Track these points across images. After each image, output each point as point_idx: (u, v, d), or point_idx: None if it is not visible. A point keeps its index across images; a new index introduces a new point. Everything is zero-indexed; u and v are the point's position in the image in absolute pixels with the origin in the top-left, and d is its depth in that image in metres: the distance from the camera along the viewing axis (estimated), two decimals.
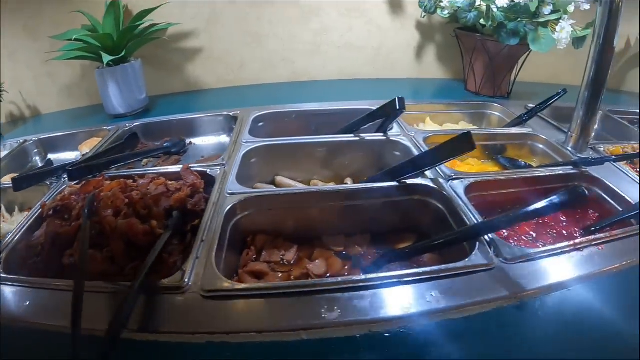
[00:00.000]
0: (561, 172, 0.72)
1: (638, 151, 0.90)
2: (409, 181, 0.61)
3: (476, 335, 0.42)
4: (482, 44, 1.11)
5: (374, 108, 0.92)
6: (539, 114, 1.00)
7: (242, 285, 0.47)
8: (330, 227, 0.63)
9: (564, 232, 0.62)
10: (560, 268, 0.49)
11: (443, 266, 0.46)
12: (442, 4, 1.10)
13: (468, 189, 0.61)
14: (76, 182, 0.67)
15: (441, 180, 0.63)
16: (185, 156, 0.90)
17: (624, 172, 0.78)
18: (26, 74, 1.11)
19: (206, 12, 1.14)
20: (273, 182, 0.78)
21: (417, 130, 0.84)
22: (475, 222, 0.54)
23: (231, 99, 1.13)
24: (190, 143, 0.95)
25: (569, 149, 0.84)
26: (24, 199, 0.72)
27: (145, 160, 0.89)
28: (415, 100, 1.05)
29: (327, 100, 1.04)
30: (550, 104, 0.99)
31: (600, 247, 0.52)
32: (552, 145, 0.85)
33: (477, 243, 0.50)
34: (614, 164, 0.80)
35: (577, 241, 0.52)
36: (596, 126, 1.31)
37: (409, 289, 0.44)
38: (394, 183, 0.61)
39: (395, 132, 0.80)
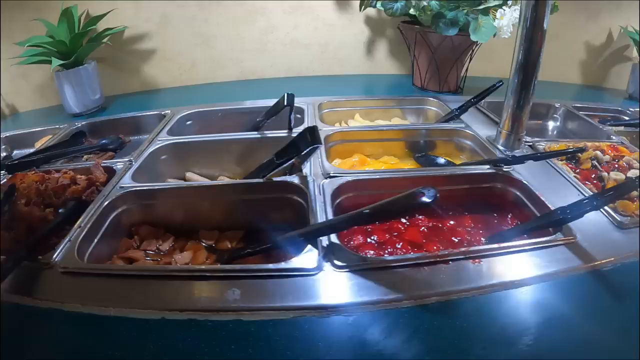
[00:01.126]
0: (477, 171, 0.69)
1: (569, 148, 0.84)
2: (276, 178, 0.65)
3: (261, 341, 0.42)
4: (422, 36, 1.09)
5: (304, 106, 0.95)
6: (483, 109, 0.97)
7: (90, 265, 0.54)
8: (209, 221, 0.68)
9: (465, 240, 0.59)
10: (396, 282, 0.46)
11: (262, 266, 0.49)
12: None
13: (341, 188, 0.62)
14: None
15: (310, 179, 0.65)
16: (121, 152, 0.99)
17: (560, 173, 0.74)
18: (5, 75, 1.25)
19: (158, 15, 1.21)
20: (184, 178, 0.84)
21: (324, 127, 0.85)
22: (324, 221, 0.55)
23: (182, 98, 1.19)
24: (130, 141, 1.04)
25: (499, 146, 0.80)
26: None
27: (86, 156, 0.98)
28: (349, 96, 1.06)
29: (273, 97, 1.07)
30: (484, 97, 0.97)
31: (476, 262, 0.49)
32: (479, 142, 0.83)
33: (311, 245, 0.49)
34: (553, 163, 0.76)
35: (441, 253, 0.49)
36: (556, 123, 1.26)
37: (216, 284, 0.48)
38: (259, 180, 0.64)
39: (299, 129, 0.83)
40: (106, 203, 0.65)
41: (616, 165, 0.86)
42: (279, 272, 0.47)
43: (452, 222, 0.62)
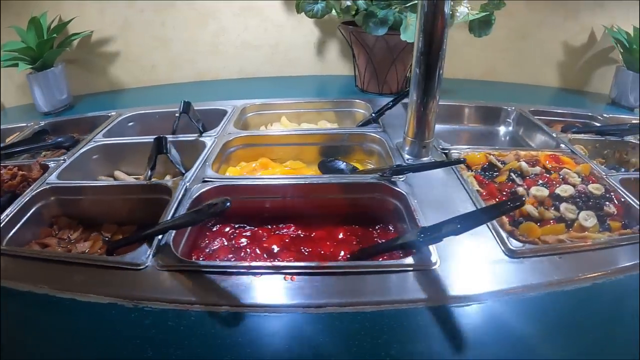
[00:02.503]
0: (358, 181, 0.67)
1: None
2: (155, 180, 0.72)
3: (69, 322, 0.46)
4: (356, 37, 1.10)
5: (229, 109, 1.01)
6: None
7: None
8: (113, 216, 0.76)
9: (328, 253, 0.58)
10: (203, 286, 0.47)
11: (100, 257, 0.57)
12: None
13: (205, 194, 0.66)
14: None
15: (182, 182, 0.69)
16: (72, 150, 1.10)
17: (463, 186, 0.70)
18: None
19: (120, 20, 1.30)
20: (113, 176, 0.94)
21: (231, 132, 0.87)
22: None
23: (142, 98, 1.29)
24: (84, 139, 1.14)
25: (405, 154, 0.77)
26: None
27: (44, 153, 1.10)
28: (287, 98, 1.09)
29: (226, 98, 1.11)
30: (401, 99, 0.94)
31: (288, 278, 0.48)
32: (386, 148, 0.82)
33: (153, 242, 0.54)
34: (459, 174, 0.72)
35: (254, 264, 0.50)
36: (508, 129, 1.22)
37: (74, 269, 0.55)
38: (144, 182, 0.72)
39: (209, 132, 0.89)
40: (29, 197, 0.75)
41: (546, 179, 0.79)
42: (113, 264, 0.53)
43: (320, 233, 0.63)
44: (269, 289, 0.48)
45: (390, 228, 0.67)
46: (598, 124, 1.16)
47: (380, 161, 0.83)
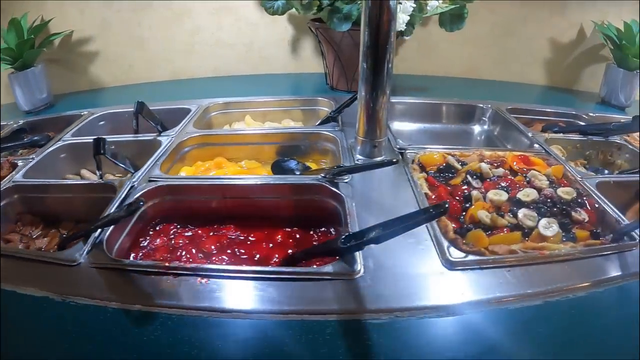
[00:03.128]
0: (299, 182, 0.67)
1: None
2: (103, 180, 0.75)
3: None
4: (322, 33, 1.10)
5: (193, 107, 1.03)
6: None
7: None
8: (73, 214, 0.79)
9: (262, 256, 0.58)
10: (127, 284, 0.48)
11: (33, 252, 0.59)
12: None
13: (147, 193, 0.67)
14: None
15: (128, 182, 0.71)
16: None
17: (412, 188, 0.68)
18: None
19: (99, 20, 1.32)
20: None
21: (189, 131, 0.88)
22: None
23: (120, 97, 1.31)
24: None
25: (356, 154, 0.76)
26: None
27: (21, 151, 1.14)
28: (258, 96, 1.09)
29: (199, 97, 1.11)
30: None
31: (203, 280, 0.48)
32: (339, 147, 0.81)
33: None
34: (410, 176, 0.70)
35: (173, 265, 0.50)
36: (483, 127, 1.20)
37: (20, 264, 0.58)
38: (100, 181, 0.75)
39: (168, 132, 0.91)
40: None
41: (509, 182, 0.73)
42: (53, 260, 0.56)
43: (259, 235, 0.63)
44: (183, 291, 0.49)
45: (332, 231, 0.66)
46: (583, 123, 1.12)
47: (334, 161, 0.83)
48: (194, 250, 0.62)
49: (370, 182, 0.71)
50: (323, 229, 0.67)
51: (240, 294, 0.49)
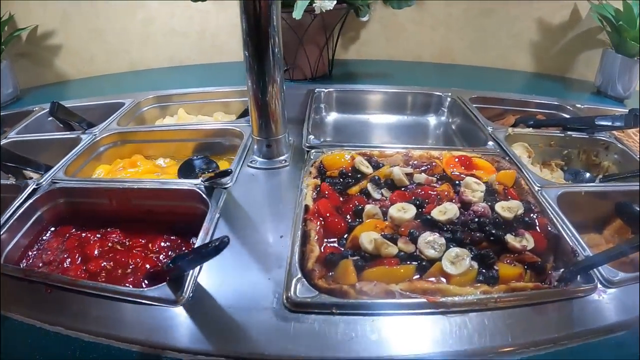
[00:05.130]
0: (175, 187, 0.61)
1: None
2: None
3: None
4: None
5: (128, 102, 1.02)
6: None
7: None
8: None
9: (136, 265, 0.55)
10: None
11: None
12: None
13: (45, 196, 0.65)
14: None
15: (33, 184, 0.69)
16: None
17: (297, 197, 0.59)
18: None
19: (59, 13, 1.33)
20: None
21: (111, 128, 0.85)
22: None
23: (82, 90, 1.33)
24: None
25: (254, 156, 0.68)
26: None
27: None
28: (203, 87, 1.05)
29: (158, 88, 1.09)
30: None
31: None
32: (242, 145, 0.74)
33: None
34: (302, 178, 0.61)
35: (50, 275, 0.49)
36: (441, 119, 1.08)
37: None
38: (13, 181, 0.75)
39: (92, 129, 0.89)
40: None
41: (425, 192, 0.59)
42: None
43: (137, 241, 0.61)
44: (28, 299, 0.48)
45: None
46: (567, 116, 0.96)
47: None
48: (76, 255, 0.62)
49: (255, 188, 0.63)
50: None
51: (65, 307, 0.46)
